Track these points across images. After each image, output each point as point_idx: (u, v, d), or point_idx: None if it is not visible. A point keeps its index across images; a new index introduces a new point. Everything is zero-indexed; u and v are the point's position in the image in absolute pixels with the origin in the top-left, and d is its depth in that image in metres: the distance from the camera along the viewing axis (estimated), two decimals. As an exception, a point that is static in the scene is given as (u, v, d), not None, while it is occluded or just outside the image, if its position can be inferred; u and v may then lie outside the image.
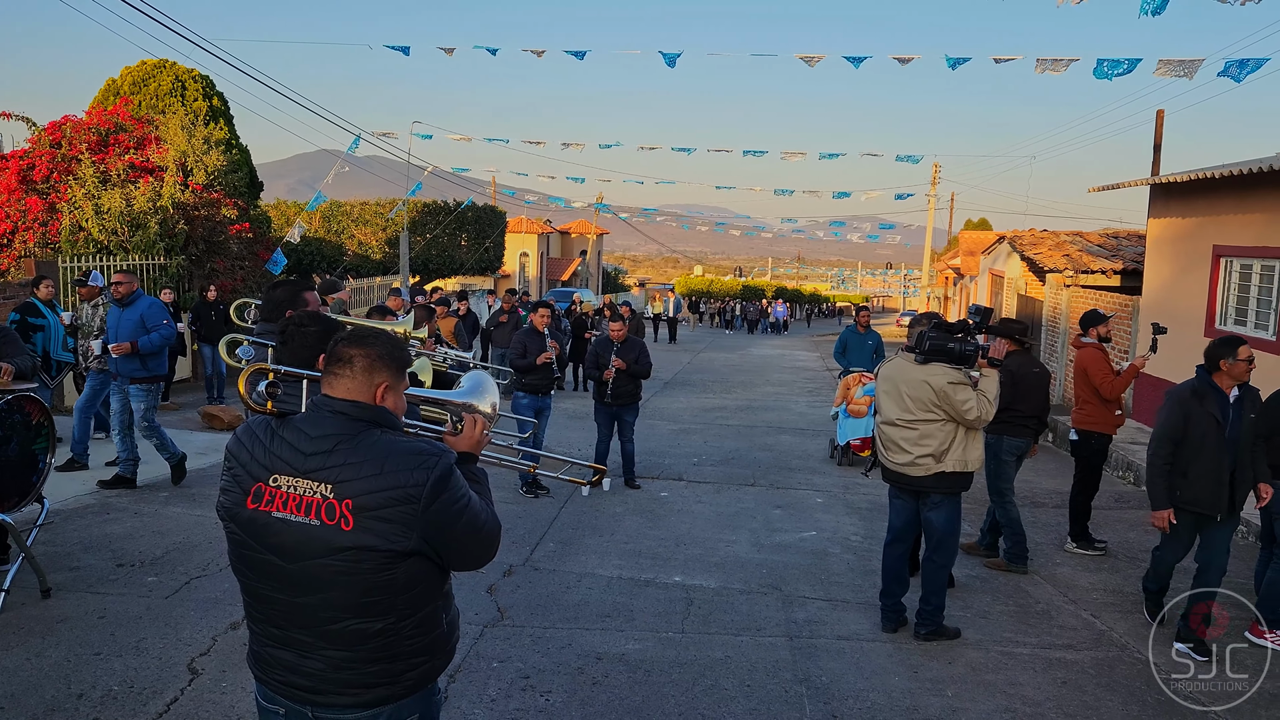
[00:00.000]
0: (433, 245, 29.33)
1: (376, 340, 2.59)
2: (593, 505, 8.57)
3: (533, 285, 43.33)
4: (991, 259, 22.40)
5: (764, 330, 45.68)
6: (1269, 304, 10.15)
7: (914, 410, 5.43)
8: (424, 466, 2.41)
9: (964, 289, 29.94)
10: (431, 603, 2.55)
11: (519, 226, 43.66)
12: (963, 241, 31.52)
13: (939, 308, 37.86)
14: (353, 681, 2.47)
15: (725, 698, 4.76)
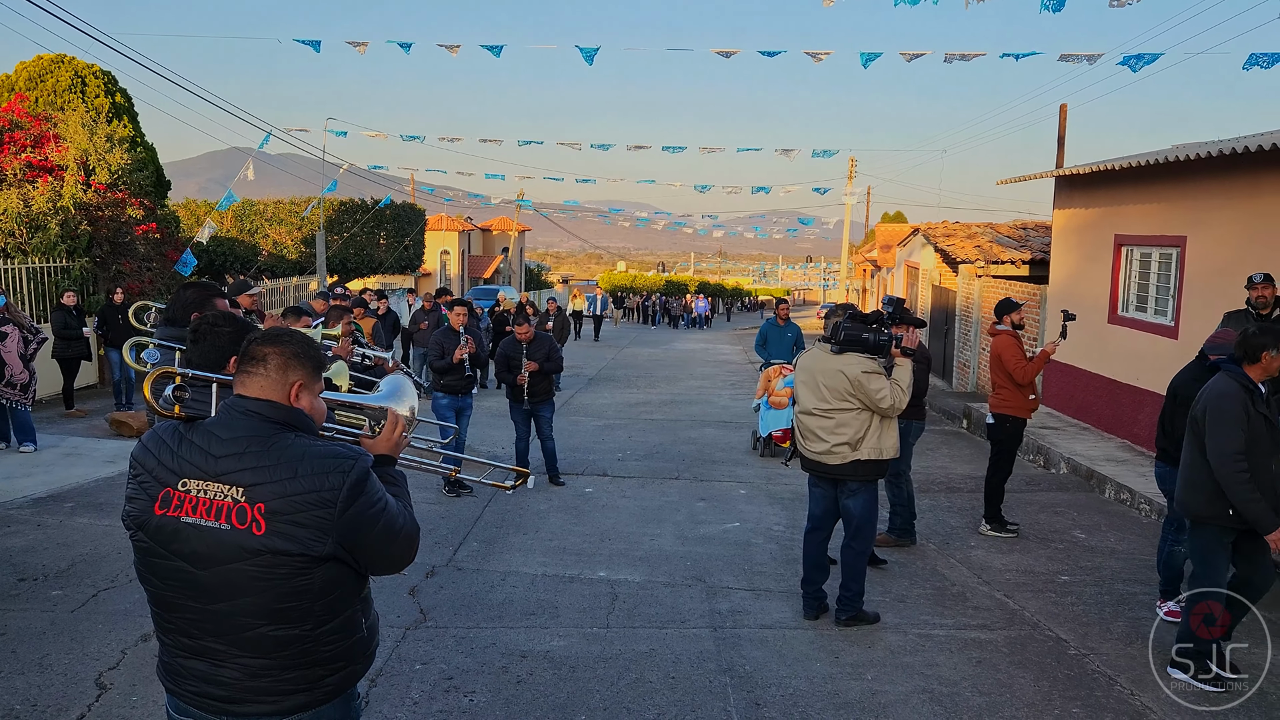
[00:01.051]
0: (350, 244, 28.81)
1: (291, 339, 2.55)
2: (517, 503, 8.52)
3: (454, 283, 42.88)
4: (907, 251, 22.89)
5: (686, 325, 45.96)
6: (1168, 291, 10.56)
7: (830, 400, 5.52)
8: (340, 470, 2.37)
9: (881, 281, 30.53)
10: (350, 607, 2.52)
11: (439, 224, 43.16)
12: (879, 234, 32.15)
13: (858, 300, 38.55)
14: (270, 689, 2.42)
15: (650, 691, 4.78)
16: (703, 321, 46.45)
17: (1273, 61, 10.89)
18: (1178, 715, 4.64)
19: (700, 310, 47.06)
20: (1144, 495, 8.61)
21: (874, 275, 34.51)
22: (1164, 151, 10.46)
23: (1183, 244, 10.13)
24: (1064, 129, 19.72)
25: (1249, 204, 9.06)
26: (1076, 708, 4.72)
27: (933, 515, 8.45)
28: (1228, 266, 9.23)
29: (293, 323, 6.56)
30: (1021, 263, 16.44)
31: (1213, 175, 9.57)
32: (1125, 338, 11.25)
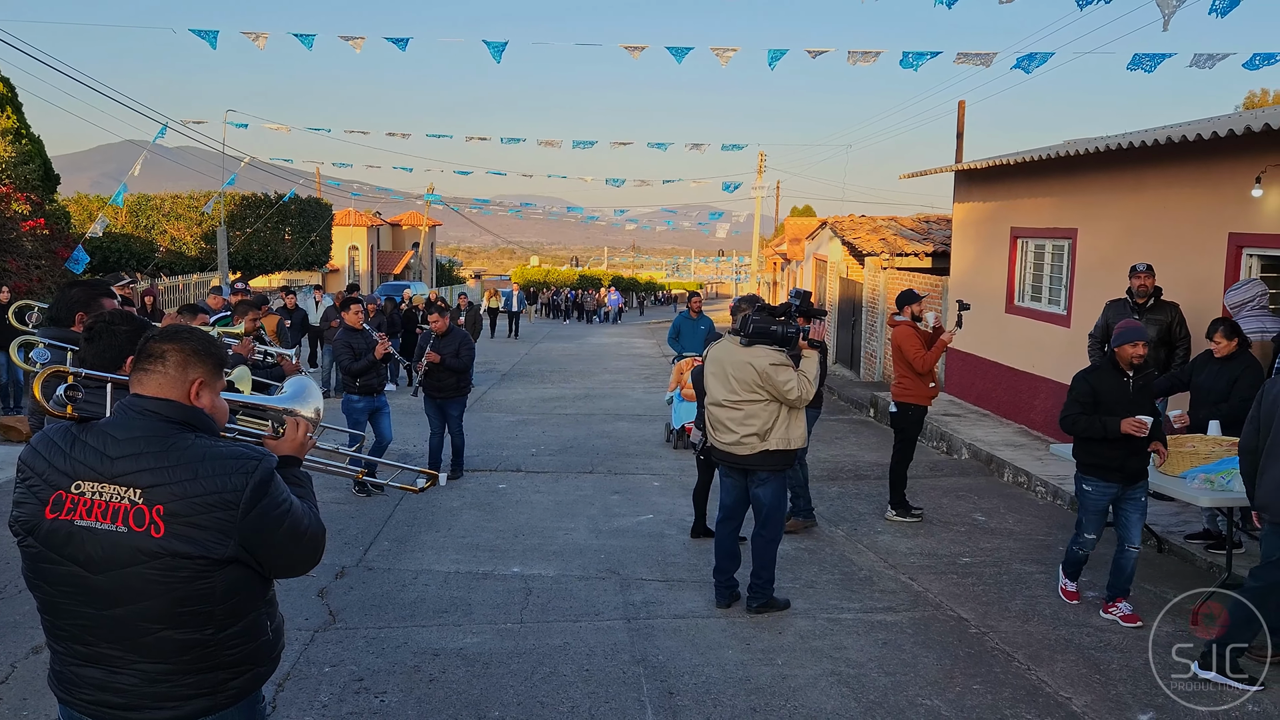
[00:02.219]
0: (254, 240, 28.05)
1: (191, 335, 2.50)
2: (429, 501, 8.43)
3: (363, 279, 42.09)
4: (815, 244, 23.30)
5: (600, 320, 45.98)
6: (1060, 281, 10.98)
7: (739, 391, 5.60)
8: (242, 471, 2.34)
9: (791, 274, 31.02)
10: (254, 610, 2.48)
11: (347, 219, 42.27)
12: (788, 228, 32.61)
13: (769, 293, 39.10)
14: (170, 695, 2.37)
15: (564, 684, 4.79)
16: (616, 315, 46.53)
17: (1155, 63, 11.39)
18: (1071, 690, 4.85)
19: (614, 304, 47.13)
20: (1040, 479, 8.96)
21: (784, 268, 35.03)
22: (1056, 147, 10.87)
23: (1074, 236, 10.54)
24: (962, 125, 20.31)
25: (1134, 198, 9.47)
26: (977, 684, 4.89)
27: (841, 502, 8.64)
28: (1114, 257, 9.64)
29: (189, 320, 6.37)
30: (924, 255, 16.89)
31: (1101, 171, 9.98)
32: (1022, 327, 11.67)
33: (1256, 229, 7.77)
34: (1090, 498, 5.79)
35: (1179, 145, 8.14)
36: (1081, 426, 5.66)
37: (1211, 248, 8.24)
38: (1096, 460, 5.68)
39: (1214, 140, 7.75)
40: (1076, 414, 5.69)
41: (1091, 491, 5.76)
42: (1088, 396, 5.69)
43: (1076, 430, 5.71)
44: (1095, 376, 5.78)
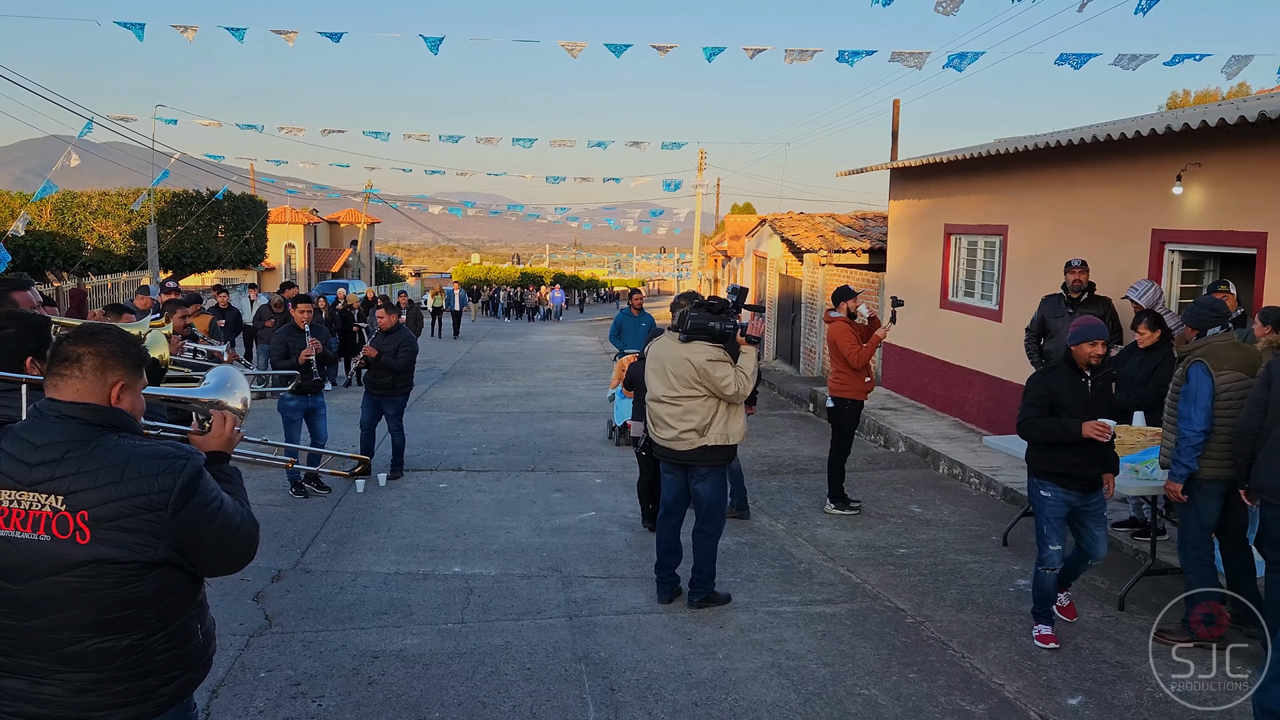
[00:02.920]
0: (185, 238, 27.41)
1: (108, 336, 2.43)
2: (368, 502, 8.33)
3: (300, 278, 41.39)
4: (755, 241, 23.48)
5: (542, 318, 45.82)
6: (992, 277, 11.22)
7: (678, 387, 5.63)
8: (169, 471, 2.30)
9: (732, 270, 31.24)
10: (184, 614, 2.44)
11: (282, 217, 41.50)
12: (729, 225, 32.85)
13: (710, 289, 39.31)
14: (97, 704, 2.33)
15: (506, 683, 4.78)
16: (559, 313, 46.40)
17: (1081, 61, 11.69)
18: (1003, 676, 4.97)
19: (557, 301, 46.99)
20: (974, 470, 9.14)
21: (725, 265, 35.26)
22: (987, 146, 11.10)
23: (1005, 233, 10.77)
24: (897, 123, 20.61)
25: (1062, 195, 9.71)
26: (913, 672, 4.98)
27: (781, 496, 8.73)
28: (1044, 253, 9.88)
29: (114, 320, 6.21)
30: (862, 251, 17.12)
31: (1031, 169, 10.21)
32: (956, 322, 11.89)
33: (1177, 225, 8.01)
34: (1049, 505, 5.33)
35: (1104, 144, 8.36)
36: (1039, 430, 5.26)
37: (1136, 243, 8.48)
38: (1055, 467, 5.28)
39: (1137, 139, 7.98)
40: (1033, 417, 5.29)
41: (1050, 498, 5.32)
42: (1045, 399, 5.29)
43: (1034, 434, 5.29)
44: (1052, 377, 5.37)
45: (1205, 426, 5.09)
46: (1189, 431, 5.11)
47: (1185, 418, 5.14)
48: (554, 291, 48.63)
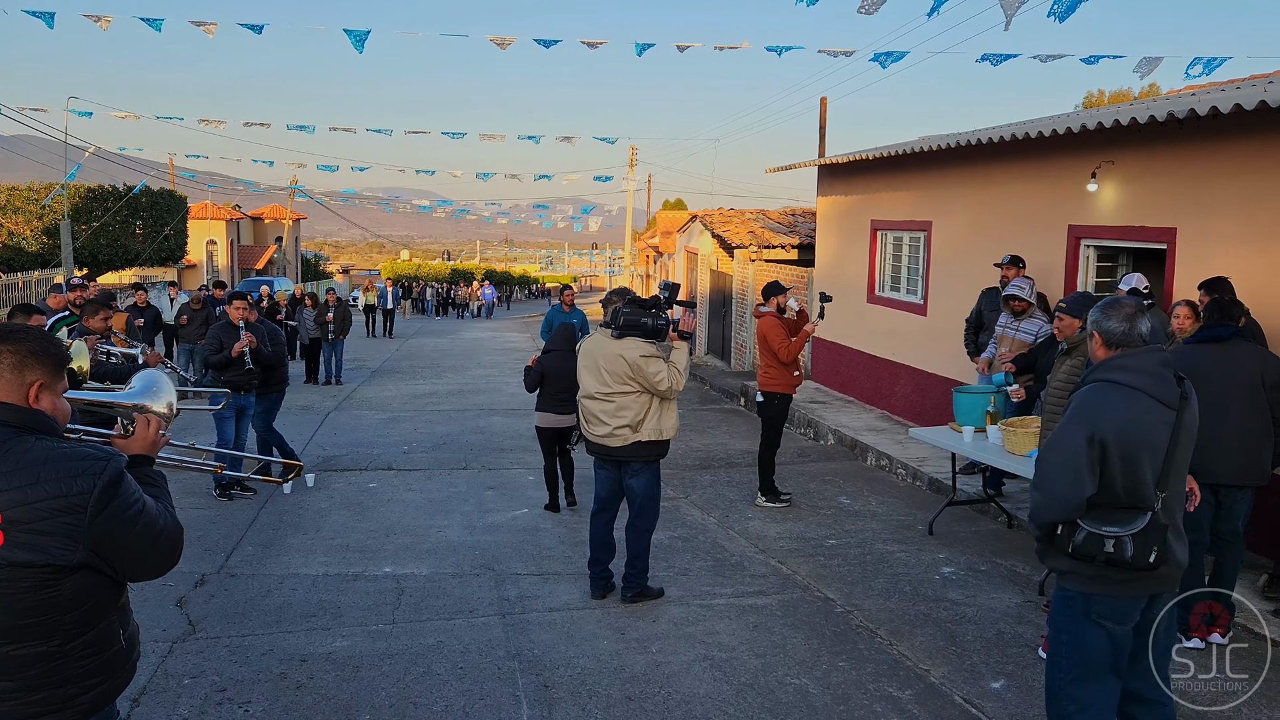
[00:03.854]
0: (101, 234, 26.54)
1: (27, 335, 2.38)
2: (296, 503, 8.18)
3: (223, 275, 40.42)
4: (686, 237, 23.60)
5: (473, 314, 45.43)
6: (917, 272, 11.45)
7: (611, 383, 5.63)
8: (89, 473, 2.25)
9: (664, 266, 31.33)
10: (105, 619, 2.39)
11: (204, 212, 40.48)
12: (660, 221, 32.91)
13: (642, 285, 39.39)
14: (13, 713, 2.27)
15: (438, 683, 4.74)
16: (490, 310, 46.04)
17: (1000, 60, 11.98)
18: (929, 662, 5.09)
19: (487, 298, 46.63)
20: (900, 461, 9.33)
21: (657, 261, 35.35)
22: (911, 143, 11.32)
23: (929, 228, 11.00)
24: (825, 120, 20.90)
25: (983, 192, 9.96)
26: (842, 661, 5.07)
27: (713, 490, 8.80)
28: (966, 248, 10.12)
29: (24, 321, 6.00)
30: (791, 247, 17.33)
31: (953, 165, 10.44)
32: (882, 316, 12.11)
33: (1092, 221, 8.27)
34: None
35: (1023, 142, 8.60)
36: None
37: (1053, 239, 8.74)
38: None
39: (1054, 138, 8.22)
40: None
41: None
42: None
43: None
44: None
45: None
46: None
47: None
48: (485, 288, 48.22)
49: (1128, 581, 3.30)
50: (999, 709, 4.55)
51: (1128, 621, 3.36)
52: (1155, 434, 3.25)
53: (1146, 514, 3.23)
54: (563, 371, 7.70)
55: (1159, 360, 3.33)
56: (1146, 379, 3.27)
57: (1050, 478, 3.31)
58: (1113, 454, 3.21)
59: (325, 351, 16.62)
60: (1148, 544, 3.20)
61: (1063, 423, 3.36)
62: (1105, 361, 3.39)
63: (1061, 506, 3.28)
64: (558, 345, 8.05)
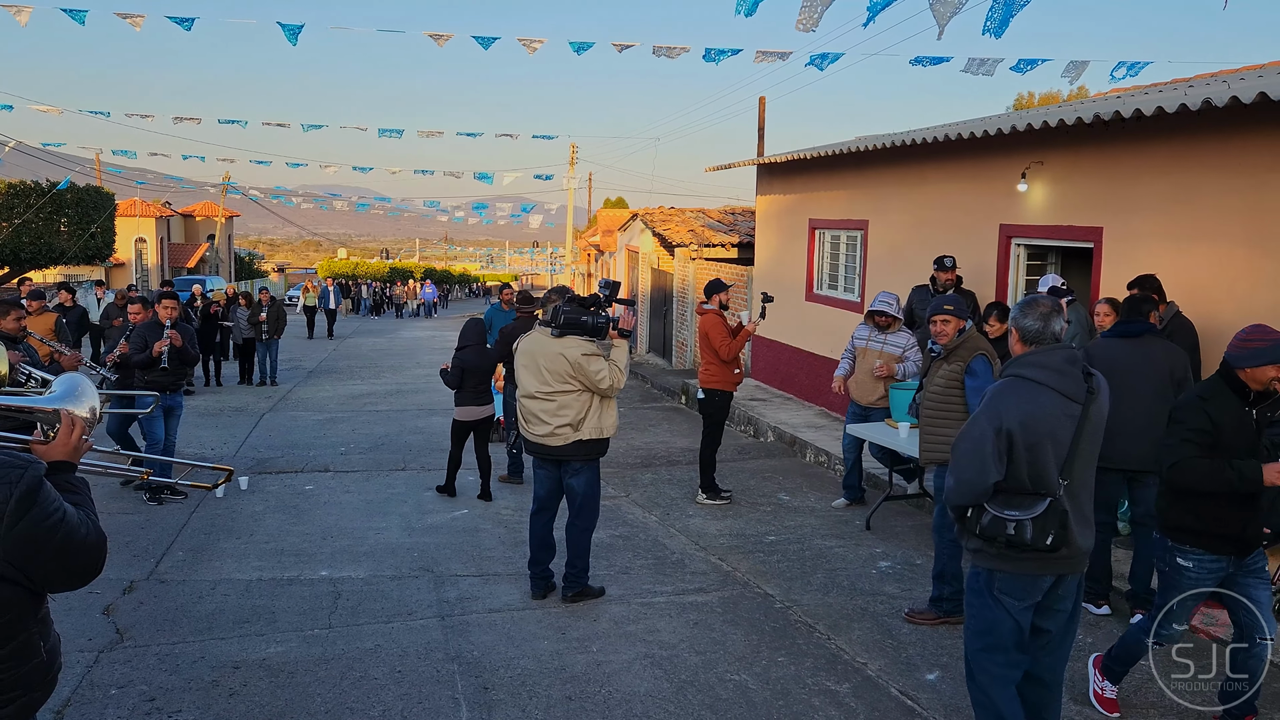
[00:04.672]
0: (24, 232, 25.69)
1: None
2: (229, 507, 8.00)
3: (153, 273, 39.43)
4: (627, 235, 23.62)
5: (411, 313, 44.92)
6: (855, 270, 11.60)
7: (552, 382, 5.60)
8: (5, 481, 2.18)
9: (605, 265, 31.31)
10: (24, 630, 2.32)
11: (132, 209, 39.42)
12: (601, 220, 32.92)
13: (584, 284, 39.32)
14: None
15: (375, 687, 4.68)
16: (430, 308, 45.56)
17: (934, 64, 12.18)
18: (866, 655, 5.15)
19: (428, 297, 46.14)
20: (839, 457, 9.42)
21: (598, 259, 35.31)
22: (848, 143, 11.46)
23: (866, 227, 11.15)
24: (763, 120, 21.07)
25: (918, 191, 10.12)
26: (781, 656, 5.12)
27: (654, 489, 8.82)
28: (902, 247, 10.28)
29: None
30: (731, 245, 17.44)
31: (889, 165, 10.60)
32: (820, 314, 12.24)
33: (1023, 220, 8.46)
34: (1190, 576, 4.10)
35: (956, 143, 8.75)
36: (1203, 475, 3.91)
37: (986, 238, 8.91)
38: (1204, 524, 4.02)
39: (985, 138, 8.38)
40: (1192, 456, 3.95)
41: (1193, 569, 4.09)
42: (1206, 434, 3.97)
43: (1196, 481, 3.94)
44: (1214, 405, 3.99)
45: None
46: None
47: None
48: (425, 287, 47.70)
49: (1028, 560, 3.54)
50: (934, 700, 4.63)
51: (1028, 599, 3.61)
52: (1059, 426, 3.49)
53: (1047, 500, 3.46)
54: (479, 366, 8.43)
55: (1066, 358, 3.56)
56: (1053, 375, 3.51)
57: (960, 465, 3.57)
58: (1018, 444, 3.45)
59: (260, 352, 16.30)
60: (1045, 528, 3.44)
61: (975, 414, 3.63)
62: (1018, 358, 3.64)
63: (969, 491, 3.53)
64: (471, 341, 8.59)
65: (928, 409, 5.67)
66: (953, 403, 5.55)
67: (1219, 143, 6.57)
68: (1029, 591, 3.59)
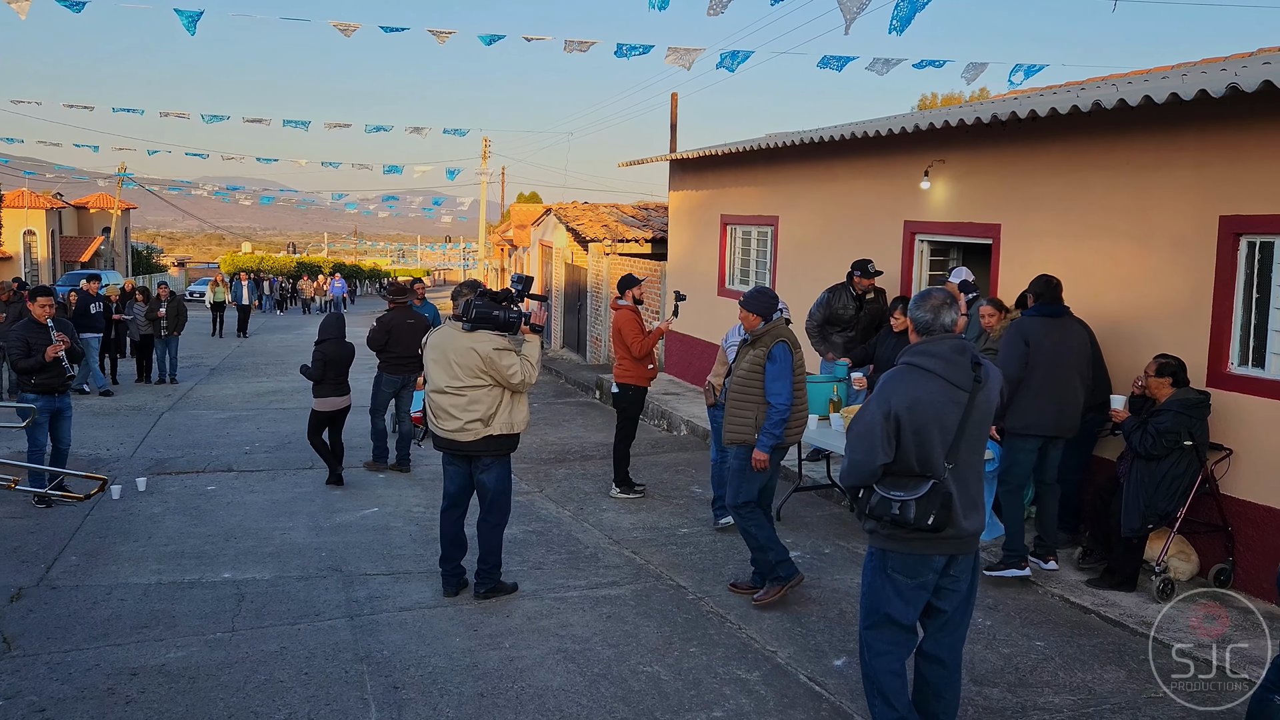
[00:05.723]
0: (-100, 223, 24.33)
1: None
2: (125, 509, 7.72)
3: (43, 268, 37.73)
4: (541, 230, 23.50)
5: (320, 309, 43.92)
6: (765, 265, 11.76)
7: (462, 377, 5.54)
8: None
9: (518, 260, 31.09)
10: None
11: (20, 200, 37.63)
12: (514, 215, 32.64)
13: (497, 279, 38.99)
14: None
15: (281, 690, 4.57)
16: (339, 304, 44.61)
17: (841, 64, 12.41)
18: (776, 644, 5.24)
19: (337, 292, 45.17)
20: (751, 450, 9.55)
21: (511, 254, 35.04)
22: (758, 140, 11.60)
23: (776, 223, 11.31)
24: (675, 116, 21.18)
25: (826, 188, 10.30)
26: (693, 646, 5.17)
27: (568, 484, 8.81)
28: (810, 242, 10.45)
29: None
30: (644, 241, 17.48)
31: (799, 162, 10.76)
32: (733, 308, 12.27)
33: (926, 217, 8.69)
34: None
35: (862, 140, 8.94)
36: None
37: (891, 234, 9.13)
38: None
39: (890, 137, 8.58)
40: None
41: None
42: None
43: None
44: None
45: (791, 399, 5.70)
46: (780, 404, 5.67)
47: (776, 393, 5.68)
48: (334, 281, 46.66)
49: (916, 540, 3.68)
50: (840, 685, 4.73)
51: (917, 577, 3.74)
52: (945, 412, 3.64)
53: (930, 482, 3.61)
54: (339, 358, 8.78)
55: (954, 347, 3.72)
56: (941, 363, 3.67)
57: (852, 447, 3.75)
58: (906, 428, 3.62)
59: (158, 349, 15.72)
60: (928, 508, 3.59)
61: (868, 400, 3.83)
62: (909, 347, 3.81)
63: (860, 472, 3.70)
64: (331, 334, 8.88)
65: (733, 392, 5.90)
66: (753, 387, 5.76)
67: (1107, 143, 6.85)
68: (919, 570, 3.72)
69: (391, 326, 9.34)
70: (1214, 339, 6.08)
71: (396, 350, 9.33)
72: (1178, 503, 5.74)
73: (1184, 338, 6.20)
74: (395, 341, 9.33)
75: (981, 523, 3.79)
